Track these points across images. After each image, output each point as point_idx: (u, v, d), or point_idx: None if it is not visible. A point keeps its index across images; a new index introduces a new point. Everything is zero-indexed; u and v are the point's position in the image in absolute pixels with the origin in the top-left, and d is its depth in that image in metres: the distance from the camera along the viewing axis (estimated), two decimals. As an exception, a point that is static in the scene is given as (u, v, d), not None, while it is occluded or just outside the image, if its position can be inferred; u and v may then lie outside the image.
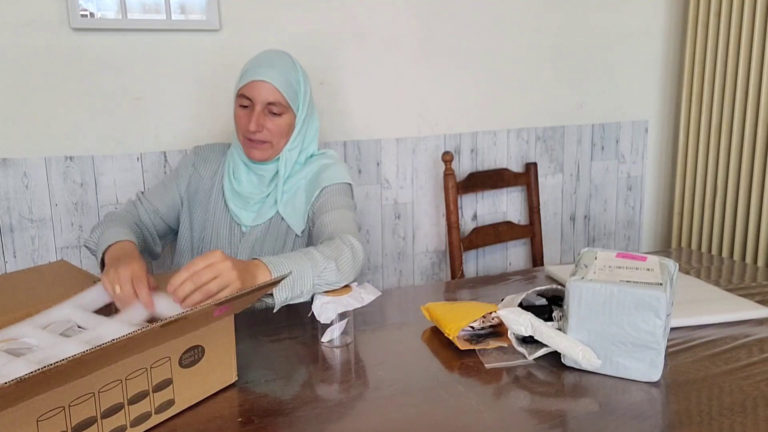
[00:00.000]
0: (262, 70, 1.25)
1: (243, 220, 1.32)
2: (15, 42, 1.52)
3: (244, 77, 1.27)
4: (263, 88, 1.25)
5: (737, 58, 1.97)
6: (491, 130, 2.03)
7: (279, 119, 1.27)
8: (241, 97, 1.27)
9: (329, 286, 1.06)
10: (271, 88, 1.25)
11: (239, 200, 1.33)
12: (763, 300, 1.21)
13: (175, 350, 0.83)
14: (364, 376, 0.97)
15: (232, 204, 1.33)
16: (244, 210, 1.32)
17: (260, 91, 1.25)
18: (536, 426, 0.82)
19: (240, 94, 1.27)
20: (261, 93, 1.25)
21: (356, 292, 1.06)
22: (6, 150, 1.57)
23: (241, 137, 1.30)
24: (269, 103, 1.25)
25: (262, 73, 1.25)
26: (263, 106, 1.25)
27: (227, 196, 1.34)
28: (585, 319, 0.93)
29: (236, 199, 1.33)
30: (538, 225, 2.07)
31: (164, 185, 1.39)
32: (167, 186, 1.38)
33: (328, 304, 1.02)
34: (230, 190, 1.34)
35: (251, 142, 1.28)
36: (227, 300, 0.83)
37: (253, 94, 1.25)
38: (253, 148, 1.28)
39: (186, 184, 1.38)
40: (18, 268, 1.60)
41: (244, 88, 1.26)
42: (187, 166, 1.40)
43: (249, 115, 1.26)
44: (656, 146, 2.28)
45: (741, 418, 0.82)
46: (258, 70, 1.25)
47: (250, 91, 1.25)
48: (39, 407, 0.68)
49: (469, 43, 1.94)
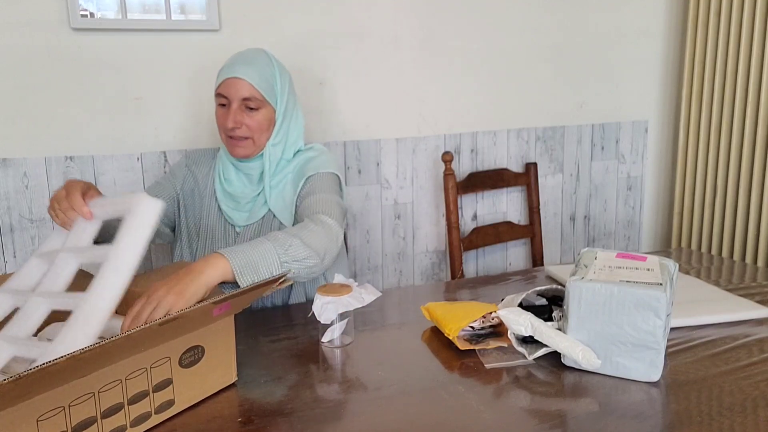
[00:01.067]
0: (236, 68, 1.27)
1: (236, 221, 1.33)
2: (15, 42, 1.52)
3: (219, 77, 1.29)
4: (237, 84, 1.26)
5: (737, 58, 1.97)
6: (491, 130, 2.03)
7: (257, 114, 1.28)
8: (219, 96, 1.29)
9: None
10: (245, 83, 1.26)
11: (231, 201, 1.34)
12: (763, 300, 1.21)
13: (175, 350, 0.83)
14: (364, 376, 0.97)
15: (224, 205, 1.34)
16: (236, 210, 1.33)
17: (235, 88, 1.26)
18: (536, 426, 0.82)
19: (217, 93, 1.29)
20: (236, 90, 1.26)
21: (356, 292, 1.06)
22: (6, 150, 1.57)
23: (223, 136, 1.31)
24: (244, 98, 1.27)
25: (236, 71, 1.27)
26: (239, 103, 1.27)
27: (219, 198, 1.35)
28: (585, 319, 0.93)
29: (228, 200, 1.34)
30: (538, 225, 2.07)
31: (160, 184, 1.40)
32: (164, 185, 1.39)
33: (328, 304, 1.02)
34: (221, 191, 1.35)
35: (232, 140, 1.29)
36: (227, 298, 0.83)
37: (228, 92, 1.27)
38: (235, 145, 1.30)
39: (181, 183, 1.39)
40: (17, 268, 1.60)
41: (220, 88, 1.28)
42: (181, 167, 1.42)
43: (227, 113, 1.28)
44: (656, 146, 2.28)
45: (741, 418, 0.82)
46: (231, 69, 1.28)
47: (225, 89, 1.27)
48: (39, 407, 0.68)
49: (469, 43, 1.94)
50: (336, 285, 1.09)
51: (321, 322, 1.03)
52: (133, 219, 0.90)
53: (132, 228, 0.89)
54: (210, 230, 1.35)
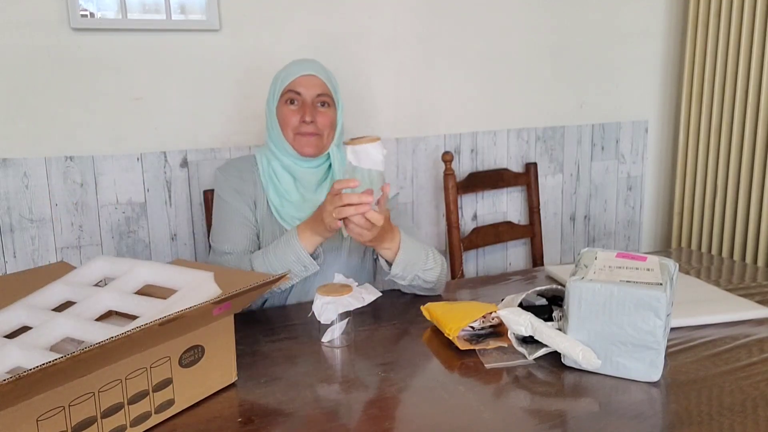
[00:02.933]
0: (306, 65, 1.28)
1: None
2: (15, 42, 1.52)
3: (289, 75, 1.28)
4: (312, 81, 1.27)
5: (737, 58, 1.97)
6: (491, 130, 2.03)
7: (328, 110, 1.29)
8: (289, 93, 1.27)
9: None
10: (319, 80, 1.28)
11: (294, 212, 1.27)
12: (763, 300, 1.21)
13: (175, 350, 0.83)
14: (364, 376, 0.97)
15: (287, 217, 1.27)
16: (298, 221, 1.25)
17: (311, 84, 1.27)
18: (536, 426, 0.82)
19: (287, 90, 1.28)
20: (312, 86, 1.27)
21: (357, 292, 1.06)
22: (6, 150, 1.57)
23: (290, 134, 1.28)
24: (318, 95, 1.27)
25: (308, 68, 1.27)
26: (313, 99, 1.27)
27: (278, 211, 1.28)
28: (585, 319, 0.93)
29: (290, 212, 1.28)
30: (538, 225, 2.07)
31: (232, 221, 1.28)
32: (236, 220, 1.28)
33: (328, 304, 1.02)
34: (279, 204, 1.27)
35: (303, 137, 1.27)
36: (227, 298, 0.83)
37: (301, 89, 1.27)
38: (305, 144, 1.27)
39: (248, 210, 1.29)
40: (18, 268, 1.60)
41: (291, 84, 1.27)
42: (232, 193, 1.29)
43: (299, 110, 1.27)
44: (656, 146, 2.28)
45: (741, 418, 0.82)
46: (302, 66, 1.28)
47: (298, 86, 1.27)
48: (39, 407, 0.68)
49: (469, 43, 1.94)
50: (336, 285, 1.09)
51: (321, 322, 1.03)
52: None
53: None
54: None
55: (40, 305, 0.88)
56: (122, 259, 0.98)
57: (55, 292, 0.91)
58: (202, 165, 1.71)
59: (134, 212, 1.69)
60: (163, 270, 0.92)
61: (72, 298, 0.90)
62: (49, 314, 0.84)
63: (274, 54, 1.71)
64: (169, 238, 1.73)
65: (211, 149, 1.73)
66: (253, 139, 1.75)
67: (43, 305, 0.88)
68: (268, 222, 1.30)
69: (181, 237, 1.74)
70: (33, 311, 0.85)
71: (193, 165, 1.71)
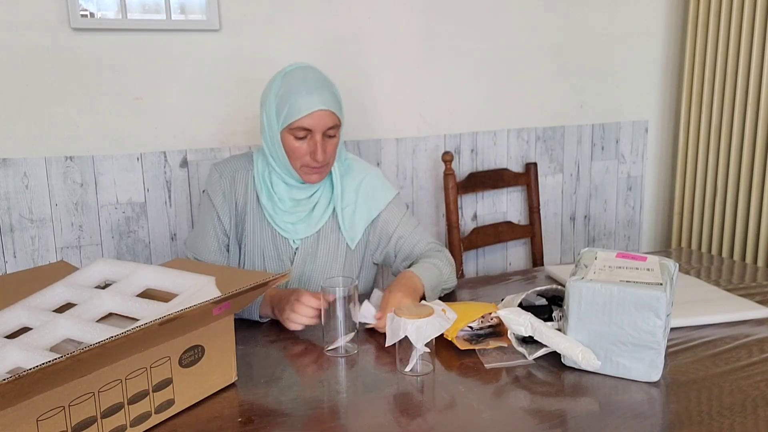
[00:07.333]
0: (316, 98, 1.17)
1: (291, 236, 1.28)
2: (15, 42, 1.52)
3: (298, 109, 1.17)
4: (324, 117, 1.18)
5: (737, 58, 1.97)
6: (491, 130, 2.03)
7: (334, 139, 1.24)
8: (297, 129, 1.18)
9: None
10: (330, 114, 1.19)
11: (286, 217, 1.27)
12: (763, 300, 1.21)
13: (175, 350, 0.83)
14: (363, 376, 0.97)
15: (280, 222, 1.27)
16: (291, 224, 1.27)
17: (323, 120, 1.18)
18: (536, 426, 0.82)
19: (296, 127, 1.18)
20: (324, 122, 1.18)
21: (438, 314, 0.97)
22: (6, 150, 1.57)
23: (297, 164, 1.23)
24: (329, 128, 1.20)
25: (319, 101, 1.17)
26: (323, 132, 1.20)
27: (271, 216, 1.27)
28: (585, 319, 0.93)
29: (281, 217, 1.27)
30: (538, 225, 2.07)
31: (207, 233, 1.29)
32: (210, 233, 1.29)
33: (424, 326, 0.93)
34: (272, 209, 1.27)
35: (312, 169, 1.22)
36: (227, 298, 0.83)
37: (313, 124, 1.18)
38: (312, 174, 1.23)
39: (228, 219, 1.29)
40: (18, 268, 1.60)
41: (301, 121, 1.17)
42: (220, 196, 1.29)
43: (309, 145, 1.20)
44: (656, 146, 2.28)
45: (741, 418, 0.82)
46: (312, 99, 1.17)
47: (310, 122, 1.17)
48: (39, 407, 0.68)
49: (469, 43, 1.94)
50: (411, 306, 1.00)
51: (417, 347, 0.94)
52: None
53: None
54: (261, 248, 1.29)
55: (41, 306, 0.88)
56: (124, 263, 0.98)
57: (55, 293, 0.91)
58: (202, 165, 1.70)
59: (134, 212, 1.69)
60: (165, 274, 0.93)
61: (73, 300, 0.90)
62: (50, 315, 0.84)
63: (274, 54, 1.71)
64: (168, 237, 1.73)
65: (210, 149, 1.73)
66: (252, 139, 1.76)
67: (44, 306, 0.88)
68: (258, 223, 1.29)
69: (181, 237, 1.74)
70: (33, 312, 0.85)
71: (193, 165, 1.71)
